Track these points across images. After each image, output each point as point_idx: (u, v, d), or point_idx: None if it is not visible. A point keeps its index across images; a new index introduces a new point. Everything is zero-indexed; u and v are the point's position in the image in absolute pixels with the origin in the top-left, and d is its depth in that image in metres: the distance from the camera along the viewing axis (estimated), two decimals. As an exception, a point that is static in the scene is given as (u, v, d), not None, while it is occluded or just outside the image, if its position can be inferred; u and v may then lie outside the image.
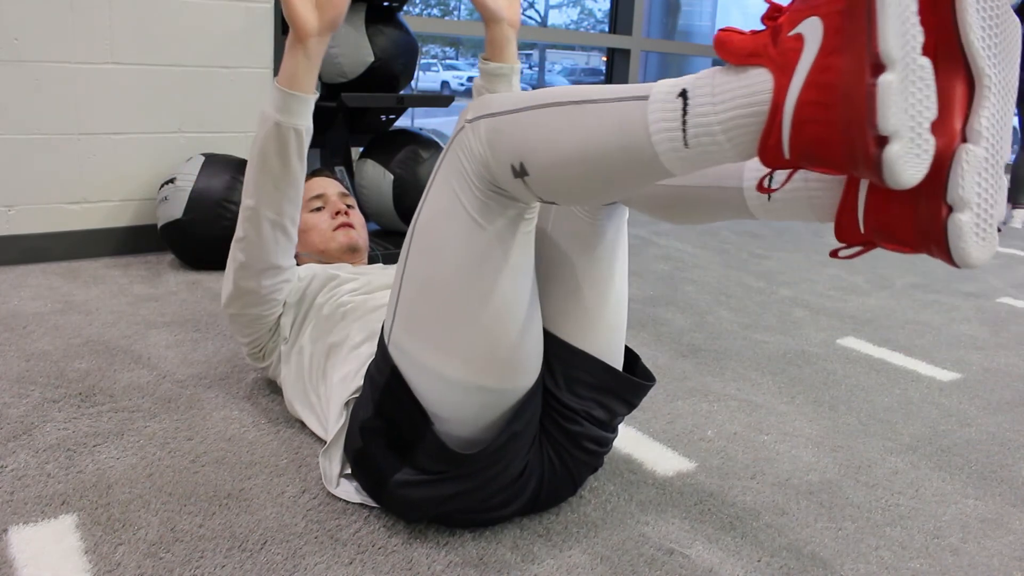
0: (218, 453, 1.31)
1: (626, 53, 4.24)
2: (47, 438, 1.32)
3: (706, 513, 1.22)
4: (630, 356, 1.22)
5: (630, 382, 1.16)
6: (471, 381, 1.02)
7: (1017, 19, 0.76)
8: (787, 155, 0.74)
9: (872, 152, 0.69)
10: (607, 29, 4.32)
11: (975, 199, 0.74)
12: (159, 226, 2.35)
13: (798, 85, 0.72)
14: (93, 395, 1.49)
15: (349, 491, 1.18)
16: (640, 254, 2.90)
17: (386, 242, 2.58)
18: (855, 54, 0.70)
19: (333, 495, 1.19)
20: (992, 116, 0.75)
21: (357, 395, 1.17)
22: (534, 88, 1.08)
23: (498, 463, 1.06)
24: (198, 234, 2.29)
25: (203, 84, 2.51)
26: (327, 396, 1.28)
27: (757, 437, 1.49)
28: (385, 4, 2.67)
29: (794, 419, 1.58)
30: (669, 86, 0.81)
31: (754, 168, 0.94)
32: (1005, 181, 0.78)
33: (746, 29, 0.80)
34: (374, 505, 1.16)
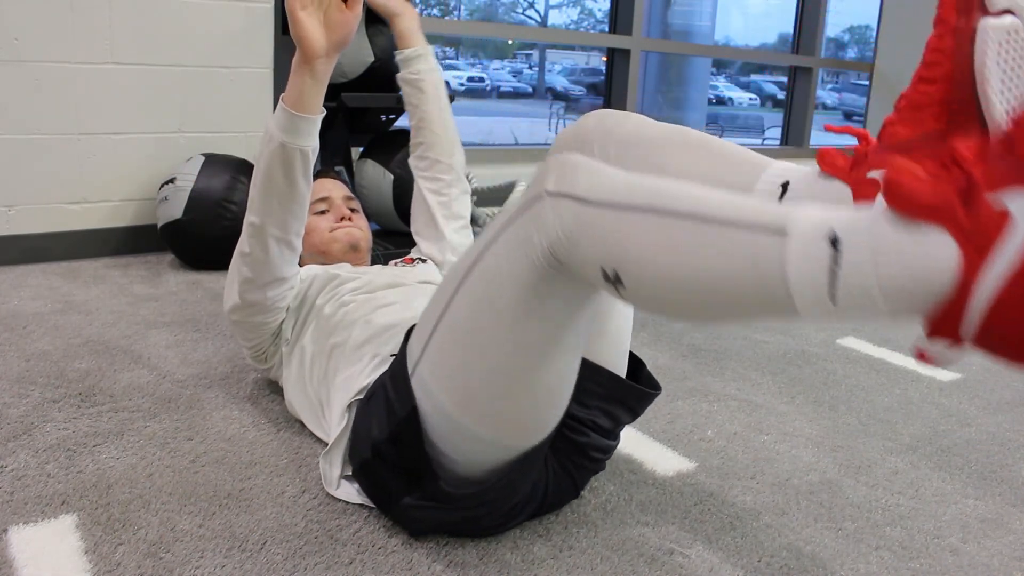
0: (218, 453, 1.31)
1: (626, 53, 4.24)
2: (47, 438, 1.32)
3: (706, 513, 1.22)
4: (635, 362, 1.22)
5: (636, 391, 1.15)
6: (492, 438, 1.01)
7: None
8: (970, 338, 0.62)
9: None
10: (607, 29, 4.32)
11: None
12: (159, 226, 2.35)
13: (1001, 271, 0.58)
14: (93, 395, 1.49)
15: (350, 492, 1.18)
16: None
17: (386, 242, 2.58)
18: None
19: (333, 496, 1.19)
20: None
21: (360, 397, 1.17)
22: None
23: (505, 496, 1.06)
24: (198, 234, 2.29)
25: (203, 84, 2.51)
26: (329, 397, 1.28)
27: (757, 437, 1.49)
28: (385, 4, 2.67)
29: (794, 419, 1.58)
30: (815, 225, 0.67)
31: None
32: None
33: (922, 171, 0.65)
34: (374, 506, 1.16)
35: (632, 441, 1.43)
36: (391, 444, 1.05)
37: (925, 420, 1.61)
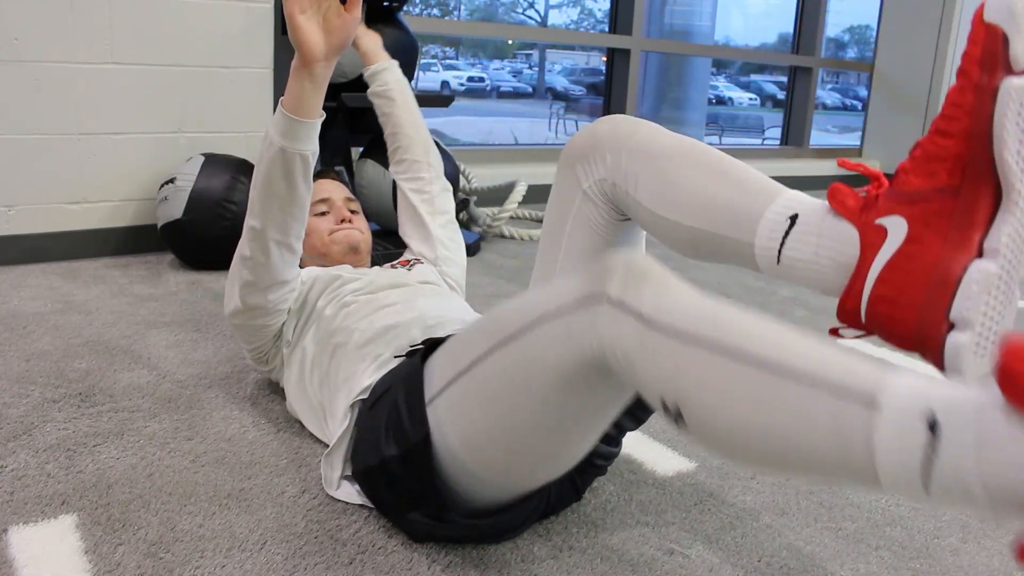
0: (218, 453, 1.31)
1: (626, 53, 4.24)
2: (47, 438, 1.32)
3: (706, 513, 1.22)
4: None
5: (642, 401, 1.15)
6: (503, 483, 1.01)
7: None
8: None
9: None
10: (607, 29, 4.32)
11: (980, 319, 0.71)
12: (159, 226, 2.35)
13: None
14: (93, 395, 1.49)
15: (350, 493, 1.18)
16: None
17: (386, 242, 2.58)
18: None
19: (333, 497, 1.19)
20: (1015, 231, 0.72)
21: (363, 397, 1.17)
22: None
23: (509, 523, 1.07)
24: (198, 234, 2.29)
25: (203, 84, 2.51)
26: (331, 397, 1.28)
27: (757, 437, 1.49)
28: (385, 4, 2.67)
29: (794, 419, 1.58)
30: (911, 400, 0.61)
31: (766, 228, 0.87)
32: (1018, 294, 0.75)
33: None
34: (374, 507, 1.16)
35: (632, 441, 1.43)
36: (401, 463, 1.03)
37: (925, 420, 1.61)
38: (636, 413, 1.15)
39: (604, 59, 4.46)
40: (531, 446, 0.94)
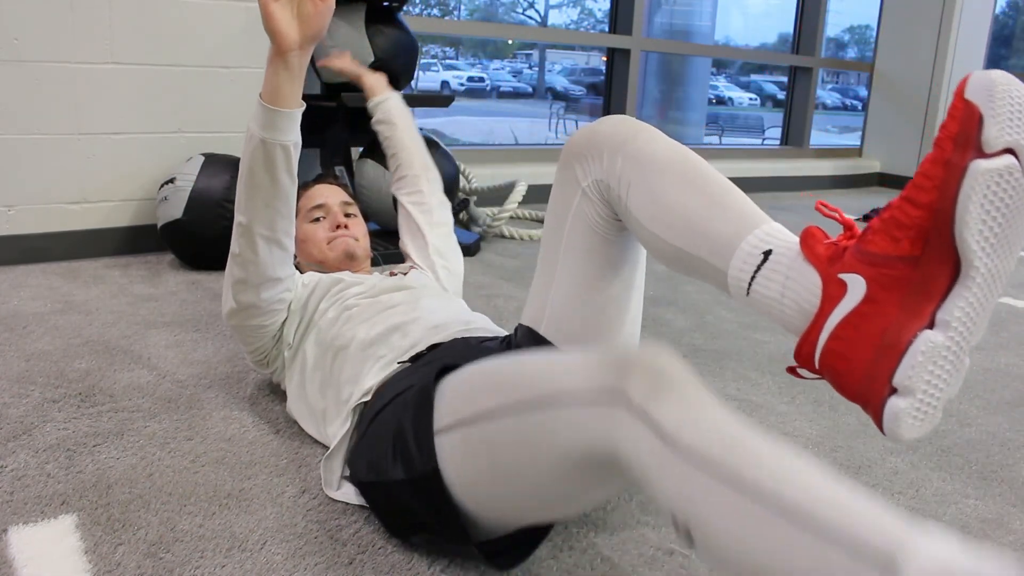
0: (218, 453, 1.31)
1: (626, 53, 4.24)
2: (47, 438, 1.32)
3: (706, 513, 1.22)
4: None
5: None
6: (509, 521, 0.99)
7: None
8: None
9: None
10: (607, 29, 4.32)
11: (921, 387, 0.74)
12: (159, 226, 2.35)
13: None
14: (93, 395, 1.49)
15: (350, 494, 1.17)
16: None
17: (386, 242, 2.58)
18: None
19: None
20: (968, 306, 0.75)
21: (367, 399, 1.17)
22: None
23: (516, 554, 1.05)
24: (198, 234, 2.29)
25: (203, 84, 2.51)
26: (332, 398, 1.27)
27: (757, 437, 1.49)
28: (385, 4, 2.67)
29: (794, 419, 1.58)
30: (934, 571, 0.59)
31: (740, 259, 0.89)
32: (966, 363, 0.78)
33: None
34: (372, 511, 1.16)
35: (632, 441, 1.43)
36: (409, 487, 1.00)
37: (925, 420, 1.61)
38: None
39: (604, 59, 4.46)
40: (533, 509, 0.95)
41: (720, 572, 0.73)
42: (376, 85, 1.94)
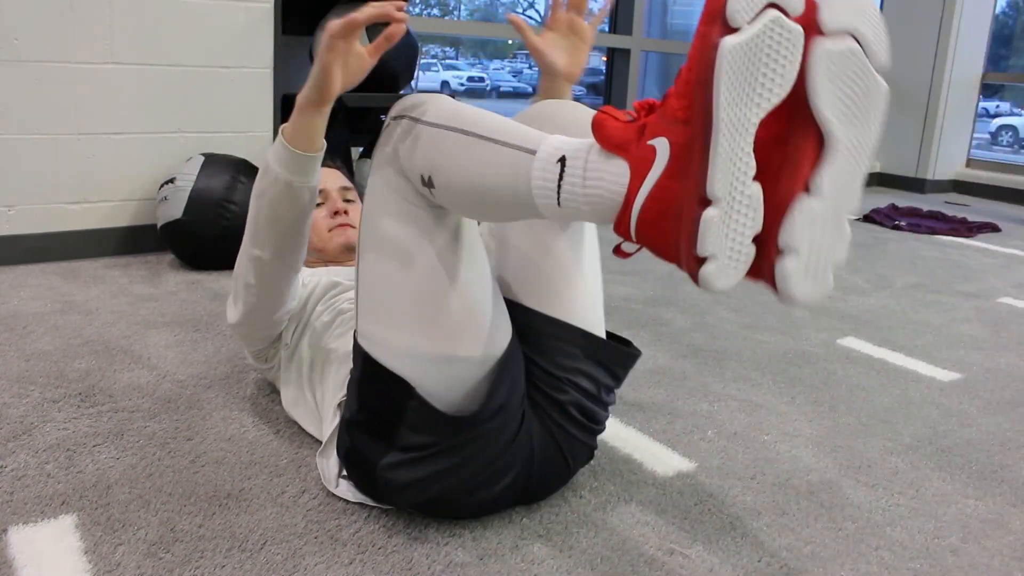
0: (218, 453, 1.31)
1: (626, 53, 4.24)
2: (47, 438, 1.32)
3: (706, 513, 1.22)
4: (621, 341, 1.24)
5: (612, 348, 1.18)
6: (434, 351, 1.05)
7: (881, 81, 0.80)
8: (633, 239, 0.87)
9: (692, 267, 0.81)
10: (607, 29, 4.32)
11: (805, 247, 0.80)
12: (159, 226, 2.35)
13: (644, 193, 0.84)
14: (93, 395, 1.49)
15: (347, 490, 1.18)
16: (640, 254, 2.90)
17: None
18: (688, 186, 0.81)
19: (333, 495, 1.19)
20: (837, 172, 0.80)
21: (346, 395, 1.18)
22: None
23: (483, 433, 1.05)
24: (198, 234, 2.29)
25: (203, 84, 2.51)
26: (323, 400, 1.28)
27: (757, 437, 1.49)
28: (385, 4, 2.67)
29: (794, 419, 1.58)
30: (553, 149, 0.90)
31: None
32: (847, 229, 0.82)
33: (625, 112, 0.91)
34: (374, 504, 1.16)
35: (632, 441, 1.43)
36: (361, 411, 1.09)
37: (925, 420, 1.61)
38: (610, 366, 1.18)
39: (604, 59, 4.46)
40: (428, 285, 1.05)
41: (451, 205, 1.01)
42: (559, 98, 1.44)
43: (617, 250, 0.93)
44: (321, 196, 1.59)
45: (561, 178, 0.89)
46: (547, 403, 1.14)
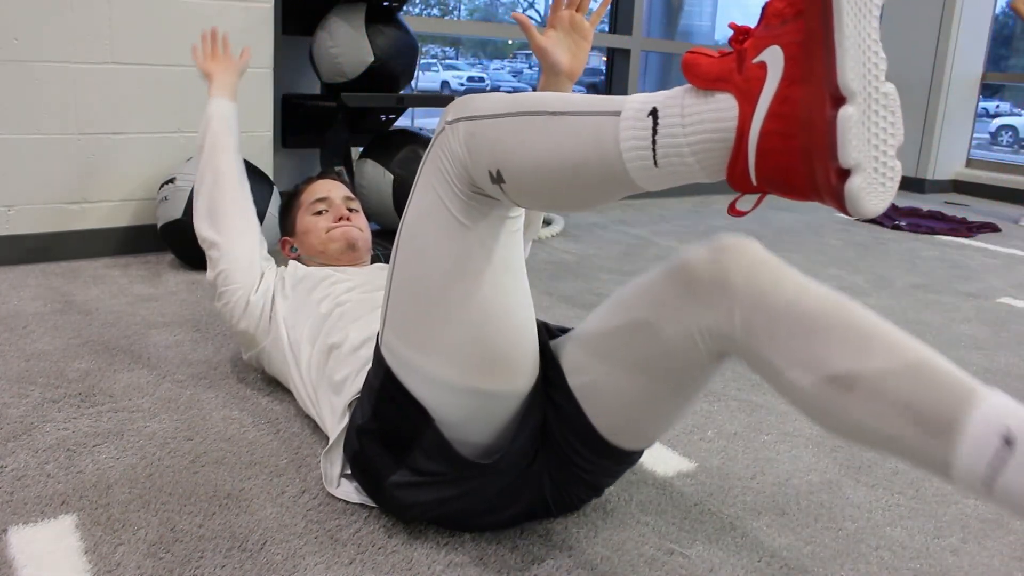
0: (218, 453, 1.31)
1: (626, 53, 4.24)
2: (47, 438, 1.32)
3: (706, 513, 1.22)
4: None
5: (623, 453, 1.10)
6: (460, 383, 1.01)
7: None
8: (754, 182, 0.74)
9: (834, 184, 0.69)
10: (607, 29, 4.32)
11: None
12: (159, 226, 2.35)
13: (761, 115, 0.72)
14: (93, 395, 1.49)
15: (349, 491, 1.18)
16: (640, 254, 2.90)
17: (386, 242, 2.58)
18: (815, 86, 0.70)
19: (333, 495, 1.19)
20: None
21: (359, 396, 1.17)
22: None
23: (496, 472, 1.04)
24: (198, 234, 2.29)
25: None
26: (328, 397, 1.28)
27: (757, 437, 1.49)
28: (385, 4, 2.67)
29: (794, 419, 1.58)
30: (640, 103, 0.80)
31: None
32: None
33: (715, 51, 0.80)
34: (374, 505, 1.16)
35: (632, 441, 1.43)
36: (375, 420, 1.06)
37: (925, 420, 1.61)
38: (594, 482, 1.13)
39: (604, 59, 4.46)
40: (462, 309, 0.98)
41: (527, 199, 0.90)
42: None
43: (732, 208, 0.81)
44: (325, 204, 1.60)
45: (655, 132, 0.77)
46: (558, 471, 1.10)
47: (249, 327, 1.48)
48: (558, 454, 1.09)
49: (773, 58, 0.72)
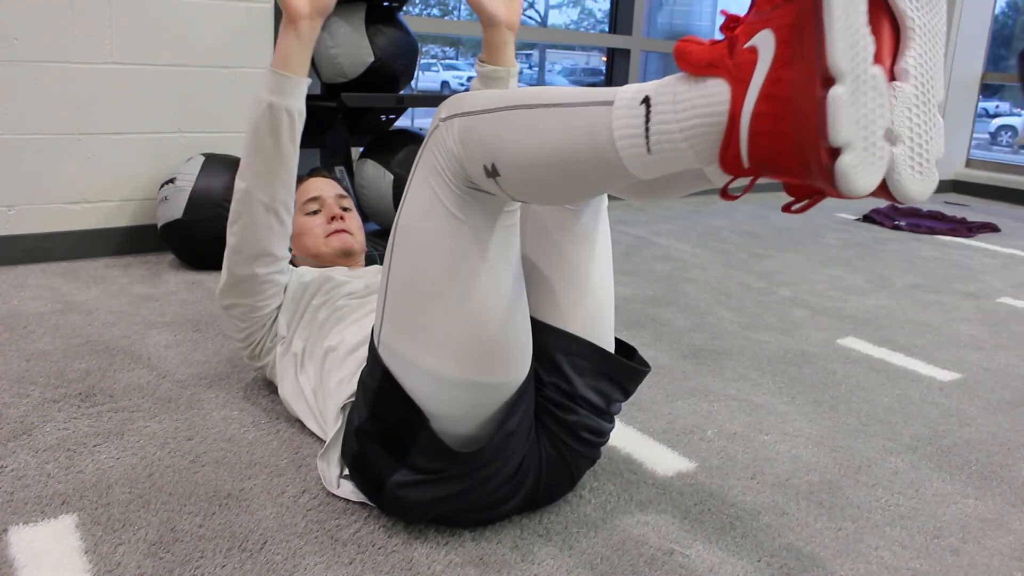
0: (218, 453, 1.31)
1: (626, 53, 4.24)
2: (47, 438, 1.32)
3: (706, 513, 1.22)
4: (627, 348, 1.23)
5: (624, 365, 1.17)
6: (460, 377, 1.02)
7: None
8: (746, 164, 0.76)
9: (825, 163, 0.70)
10: (607, 29, 4.32)
11: (907, 133, 0.74)
12: (159, 226, 2.35)
13: (753, 97, 0.74)
14: (93, 395, 1.49)
15: (349, 491, 1.18)
16: (640, 254, 2.90)
17: (384, 242, 2.58)
18: (806, 67, 0.71)
19: (334, 495, 1.19)
20: (919, 56, 0.74)
21: (353, 399, 1.17)
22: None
23: (494, 461, 1.05)
24: (198, 234, 2.29)
25: (203, 84, 2.51)
26: (324, 399, 1.28)
27: (757, 437, 1.49)
28: (385, 4, 2.67)
29: (794, 419, 1.58)
30: (633, 92, 0.82)
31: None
32: (940, 120, 0.77)
33: (706, 39, 0.81)
34: (374, 504, 1.16)
35: (632, 441, 1.43)
36: (372, 420, 1.07)
37: (925, 420, 1.61)
38: (620, 382, 1.17)
39: (604, 59, 4.46)
40: (459, 304, 0.99)
41: (522, 191, 0.91)
42: (502, 48, 1.39)
43: (724, 193, 0.83)
44: (317, 203, 1.60)
45: (648, 119, 0.79)
46: (556, 425, 1.14)
47: (265, 363, 1.48)
48: (553, 420, 1.13)
49: (764, 42, 0.74)
